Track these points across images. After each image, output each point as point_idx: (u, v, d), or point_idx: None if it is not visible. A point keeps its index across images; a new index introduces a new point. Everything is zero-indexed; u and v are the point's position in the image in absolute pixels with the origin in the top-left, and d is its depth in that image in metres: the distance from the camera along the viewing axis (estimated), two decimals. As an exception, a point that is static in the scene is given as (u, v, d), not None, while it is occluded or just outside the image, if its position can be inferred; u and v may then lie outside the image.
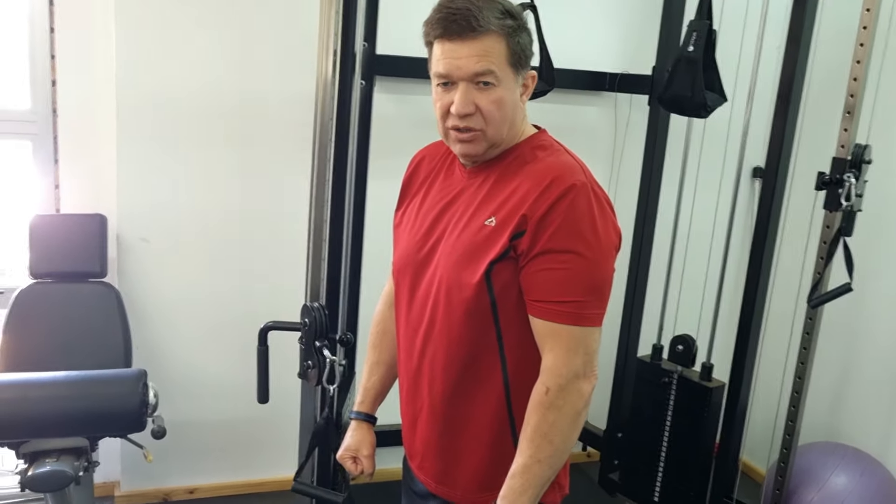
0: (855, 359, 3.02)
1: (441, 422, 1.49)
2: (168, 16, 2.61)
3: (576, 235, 1.33)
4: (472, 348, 1.43)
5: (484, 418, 1.46)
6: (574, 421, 1.36)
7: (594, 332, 1.37)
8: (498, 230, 1.37)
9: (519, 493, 1.36)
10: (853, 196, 2.31)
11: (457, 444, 1.49)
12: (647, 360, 3.01)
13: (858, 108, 2.38)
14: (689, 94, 2.44)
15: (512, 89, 1.39)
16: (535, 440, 1.35)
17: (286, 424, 2.92)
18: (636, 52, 3.07)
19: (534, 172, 1.38)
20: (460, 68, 1.34)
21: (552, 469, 1.38)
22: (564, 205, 1.33)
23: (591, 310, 1.35)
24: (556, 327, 1.35)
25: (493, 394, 1.44)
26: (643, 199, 3.02)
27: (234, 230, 2.83)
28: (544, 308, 1.35)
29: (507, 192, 1.40)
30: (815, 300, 2.45)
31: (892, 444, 2.84)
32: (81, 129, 2.69)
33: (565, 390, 1.34)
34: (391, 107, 2.85)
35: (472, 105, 1.35)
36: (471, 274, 1.38)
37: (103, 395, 1.70)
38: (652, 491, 2.99)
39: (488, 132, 1.38)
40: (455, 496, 1.52)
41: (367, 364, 1.71)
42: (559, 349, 1.35)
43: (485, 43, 1.33)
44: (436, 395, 1.48)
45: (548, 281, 1.34)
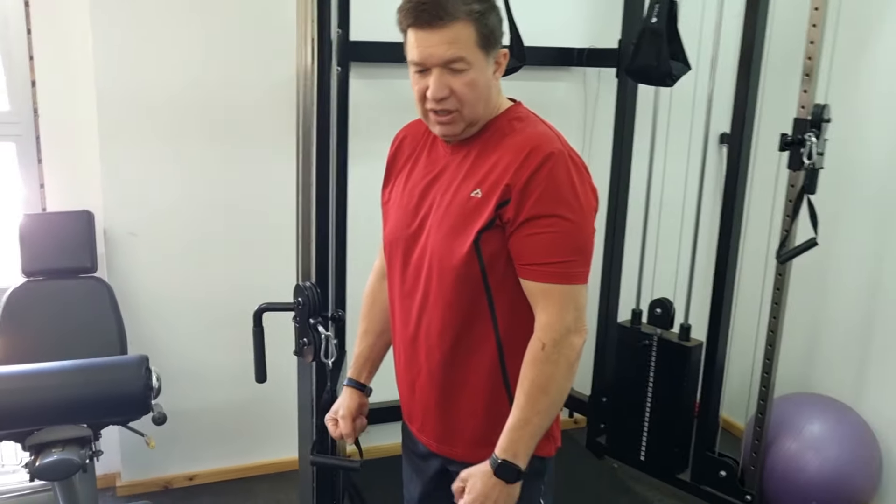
0: (825, 312, 3.15)
1: (439, 385, 1.58)
2: (143, 12, 2.65)
3: (558, 200, 1.41)
4: (465, 314, 1.51)
5: (480, 379, 1.54)
6: (568, 373, 1.45)
7: (582, 289, 1.46)
8: (484, 201, 1.45)
9: (524, 443, 1.46)
10: (814, 154, 2.42)
11: (455, 405, 1.58)
12: (628, 324, 3.13)
13: (816, 70, 2.48)
14: (655, 63, 2.53)
15: (483, 70, 1.45)
16: (533, 394, 1.44)
17: (280, 409, 3.00)
18: (602, 26, 3.15)
19: (513, 144, 1.46)
20: (432, 56, 1.42)
21: (549, 419, 1.47)
22: (545, 172, 1.41)
23: (577, 268, 1.44)
24: (548, 287, 1.43)
25: (487, 355, 1.53)
26: (615, 169, 3.11)
27: (220, 219, 2.88)
28: (535, 270, 1.44)
29: (489, 164, 1.47)
30: (783, 256, 2.56)
31: (864, 391, 2.97)
32: (63, 128, 2.72)
33: (560, 345, 1.43)
34: (366, 91, 2.91)
35: (446, 89, 1.43)
36: (460, 244, 1.46)
37: (109, 380, 1.76)
38: (638, 450, 3.11)
39: (464, 112, 1.46)
40: (455, 454, 1.61)
41: (358, 333, 1.79)
42: (552, 307, 1.43)
43: (453, 30, 1.40)
44: (433, 360, 1.56)
45: (536, 245, 1.43)
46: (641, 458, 3.11)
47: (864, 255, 2.97)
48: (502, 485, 1.46)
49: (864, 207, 2.96)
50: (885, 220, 2.89)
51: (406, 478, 1.82)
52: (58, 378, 1.72)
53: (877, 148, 2.90)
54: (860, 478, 2.80)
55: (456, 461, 1.60)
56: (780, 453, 2.80)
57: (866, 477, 2.82)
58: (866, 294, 2.96)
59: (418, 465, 1.74)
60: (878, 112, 2.89)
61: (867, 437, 2.85)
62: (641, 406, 3.06)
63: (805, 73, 2.49)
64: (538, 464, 1.58)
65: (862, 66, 2.93)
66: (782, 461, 2.80)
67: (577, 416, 3.55)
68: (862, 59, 2.92)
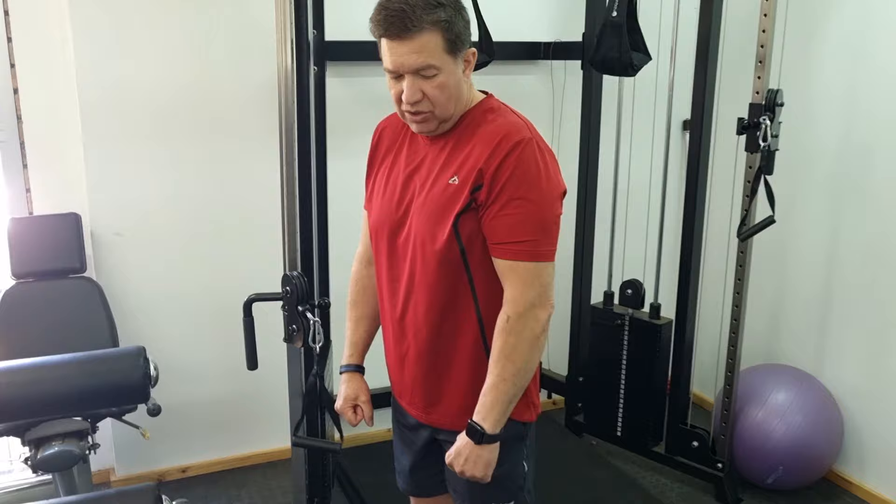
0: (787, 287, 3.31)
1: (427, 360, 1.69)
2: (123, 17, 2.72)
3: (525, 184, 1.54)
4: (448, 292, 1.63)
5: (463, 352, 1.66)
6: (533, 344, 1.57)
7: (547, 266, 1.58)
8: (460, 187, 1.57)
9: (489, 407, 1.58)
10: (769, 137, 2.56)
11: (441, 378, 1.70)
12: (600, 306, 3.26)
13: (769, 57, 2.62)
14: (617, 55, 2.66)
15: (453, 72, 1.56)
16: (499, 361, 1.57)
17: (268, 400, 3.10)
18: (567, 20, 3.27)
19: (486, 133, 1.58)
20: (403, 64, 1.53)
21: (516, 387, 1.59)
22: (514, 158, 1.53)
23: (543, 247, 1.56)
24: (514, 264, 1.56)
25: (469, 330, 1.65)
26: (584, 157, 3.24)
27: (205, 217, 2.96)
28: (503, 248, 1.56)
29: (465, 152, 1.59)
30: (743, 233, 2.70)
31: (824, 360, 3.13)
32: (48, 133, 2.79)
33: (524, 317, 1.55)
34: (342, 89, 3.01)
35: (419, 93, 1.54)
36: (441, 228, 1.58)
37: (109, 370, 1.84)
38: (614, 426, 3.25)
39: (436, 112, 1.57)
40: (443, 423, 1.73)
41: (352, 320, 1.89)
42: (517, 283, 1.56)
43: (421, 40, 1.50)
44: (420, 336, 1.68)
45: (504, 225, 1.55)
46: (618, 433, 3.25)
47: (820, 232, 3.13)
48: (472, 444, 1.59)
49: (820, 187, 3.12)
50: (839, 198, 3.04)
51: (397, 451, 1.93)
52: (62, 370, 1.80)
53: (829, 129, 3.06)
54: (823, 442, 2.95)
55: (443, 430, 1.72)
56: (748, 422, 2.95)
57: (829, 441, 2.97)
58: (824, 269, 3.12)
59: (408, 437, 1.85)
60: (829, 96, 3.05)
61: (829, 403, 3.01)
62: (616, 384, 3.20)
63: (758, 60, 2.63)
64: (520, 428, 1.71)
65: (812, 52, 3.08)
66: (750, 429, 2.95)
67: (556, 397, 3.67)
68: (812, 46, 3.08)
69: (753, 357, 3.29)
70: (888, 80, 2.83)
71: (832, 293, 3.10)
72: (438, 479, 1.84)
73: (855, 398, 3.03)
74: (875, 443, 2.98)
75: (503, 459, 1.67)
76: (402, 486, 1.95)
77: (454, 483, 1.77)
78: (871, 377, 2.96)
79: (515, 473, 1.74)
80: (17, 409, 1.83)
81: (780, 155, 2.66)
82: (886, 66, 2.83)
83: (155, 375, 1.97)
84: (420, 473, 1.88)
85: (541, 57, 3.30)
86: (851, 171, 2.98)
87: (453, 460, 1.63)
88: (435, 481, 1.86)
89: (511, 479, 1.74)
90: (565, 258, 3.38)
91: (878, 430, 2.97)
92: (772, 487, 3.01)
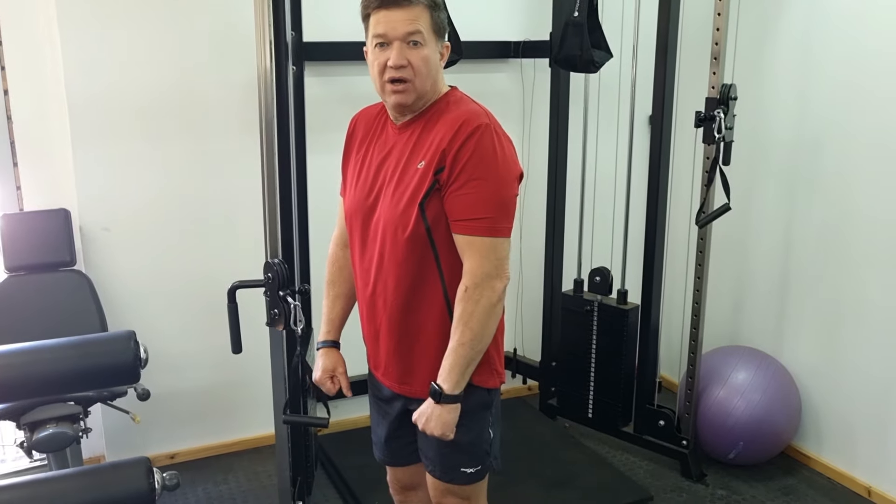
0: (747, 272, 3.47)
1: (397, 332, 1.84)
2: (109, 19, 2.83)
3: (482, 165, 1.69)
4: (415, 269, 1.77)
5: (431, 324, 1.80)
6: (489, 311, 1.71)
7: (503, 241, 1.73)
8: (426, 170, 1.72)
9: (448, 370, 1.73)
10: (724, 129, 2.71)
11: (412, 349, 1.84)
12: (571, 293, 3.40)
13: (723, 54, 2.78)
14: (579, 52, 2.81)
15: (434, 51, 1.74)
16: (458, 327, 1.71)
17: (253, 388, 3.22)
18: (536, 20, 3.41)
19: (449, 120, 1.74)
20: (395, 29, 1.69)
21: (474, 350, 1.73)
22: (472, 142, 1.68)
23: (499, 224, 1.71)
24: (472, 239, 1.70)
25: (436, 303, 1.79)
26: (553, 151, 3.39)
27: (189, 212, 3.08)
28: (462, 225, 1.71)
29: (430, 139, 1.74)
30: (701, 220, 2.85)
31: (783, 341, 3.29)
32: (37, 132, 2.90)
33: (480, 287, 1.70)
34: (320, 88, 3.14)
35: (404, 59, 1.70)
36: (409, 209, 1.73)
37: (102, 352, 1.95)
38: (586, 409, 3.39)
39: (416, 83, 1.72)
40: (414, 392, 1.87)
41: (329, 298, 2.03)
42: (475, 256, 1.70)
43: (414, 11, 1.69)
44: (390, 311, 1.82)
45: (463, 203, 1.70)
46: (589, 415, 3.39)
47: (777, 221, 3.29)
48: (433, 404, 1.74)
49: (775, 177, 3.28)
50: (793, 189, 3.21)
51: (373, 422, 2.07)
52: (57, 352, 1.91)
53: (782, 123, 3.22)
54: (782, 418, 3.11)
55: (415, 399, 1.85)
56: (711, 400, 3.11)
57: (787, 417, 3.13)
58: (781, 255, 3.28)
59: (383, 409, 1.99)
60: (781, 92, 3.21)
61: (788, 382, 3.17)
62: (587, 368, 3.34)
63: (713, 56, 2.79)
64: (485, 396, 1.85)
65: (765, 49, 3.24)
66: (712, 407, 3.10)
67: (531, 383, 3.81)
68: (765, 44, 3.24)
69: (716, 339, 3.45)
70: (835, 78, 2.99)
71: (789, 278, 3.26)
72: (412, 448, 1.98)
73: (812, 377, 3.19)
74: (831, 419, 3.15)
75: (471, 427, 1.82)
76: (378, 455, 2.09)
77: (426, 451, 1.91)
78: (827, 357, 3.13)
79: (482, 440, 1.88)
80: (15, 390, 1.95)
81: (736, 147, 2.81)
82: (833, 65, 2.99)
83: (145, 357, 2.08)
84: (394, 443, 2.02)
85: (511, 55, 3.44)
86: (803, 164, 3.14)
87: (418, 419, 1.78)
88: (408, 451, 2.00)
89: (478, 445, 1.88)
90: (537, 248, 3.53)
91: (833, 406, 3.13)
92: (734, 463, 3.17)
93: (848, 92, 2.94)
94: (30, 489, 1.72)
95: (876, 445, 2.98)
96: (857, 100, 2.91)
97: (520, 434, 3.38)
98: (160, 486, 1.80)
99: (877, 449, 2.97)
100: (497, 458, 1.95)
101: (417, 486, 2.11)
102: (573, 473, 3.10)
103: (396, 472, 2.14)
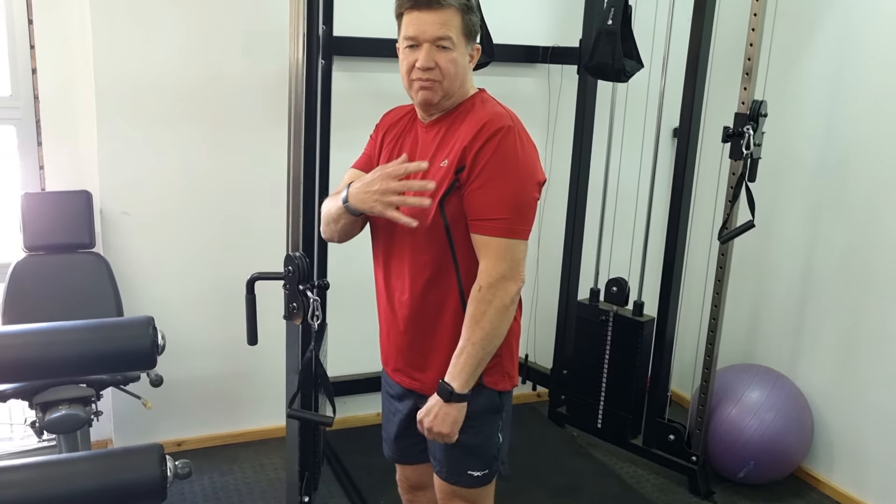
0: (765, 291, 3.44)
1: (411, 328, 1.84)
2: (141, 3, 2.83)
3: (502, 166, 1.69)
4: (432, 265, 1.77)
5: (445, 322, 1.80)
6: (501, 313, 1.71)
7: (520, 244, 1.72)
8: (448, 168, 1.73)
9: (459, 368, 1.72)
10: (752, 145, 2.69)
11: (425, 345, 1.84)
12: (586, 302, 3.38)
13: (755, 70, 2.75)
14: (610, 61, 2.79)
15: (463, 54, 1.75)
16: (470, 326, 1.71)
17: (263, 380, 3.23)
18: (565, 27, 3.41)
19: (473, 120, 1.74)
20: (425, 32, 1.69)
21: (484, 350, 1.72)
22: (494, 143, 1.69)
23: (516, 225, 1.71)
24: (489, 239, 1.70)
25: (451, 301, 1.79)
26: (576, 158, 3.37)
27: (210, 200, 3.08)
28: (479, 224, 1.71)
29: (454, 138, 1.75)
30: (724, 236, 2.83)
31: (798, 362, 3.27)
32: (62, 113, 2.90)
33: (494, 287, 1.69)
34: (345, 83, 3.14)
35: (432, 61, 1.70)
36: (429, 206, 1.72)
37: (122, 336, 1.96)
38: (595, 418, 3.37)
39: (444, 83, 1.73)
40: (424, 388, 1.86)
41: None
42: (491, 256, 1.70)
43: (445, 14, 1.69)
44: (406, 306, 1.82)
45: (482, 203, 1.70)
46: (598, 425, 3.37)
47: (799, 240, 3.26)
48: (441, 402, 1.73)
49: (799, 196, 3.25)
50: (817, 209, 3.18)
51: (384, 420, 2.07)
52: (76, 334, 1.92)
53: (810, 142, 3.19)
54: (794, 440, 3.08)
55: (425, 396, 1.84)
56: (723, 418, 3.08)
57: (799, 439, 3.10)
58: (800, 275, 3.26)
59: (394, 406, 1.99)
60: (810, 110, 3.18)
61: (801, 403, 3.14)
62: (599, 377, 3.32)
63: (745, 72, 2.76)
64: (496, 399, 1.84)
65: (797, 67, 3.22)
66: (724, 424, 3.08)
67: (540, 390, 3.79)
68: (797, 61, 3.21)
69: (730, 357, 3.42)
70: (865, 101, 2.96)
71: (807, 299, 3.23)
72: (420, 447, 1.97)
73: (826, 400, 3.16)
74: (844, 443, 3.12)
75: (480, 429, 1.81)
76: (387, 453, 2.09)
77: (434, 451, 1.90)
78: (843, 381, 3.10)
79: (490, 443, 1.88)
80: (33, 369, 1.95)
81: (762, 164, 2.79)
82: (864, 88, 2.97)
83: (162, 344, 2.09)
84: (403, 442, 2.01)
85: (539, 60, 3.43)
86: (829, 184, 3.12)
87: (423, 417, 1.77)
88: (417, 450, 2.00)
89: (486, 448, 1.87)
90: (555, 255, 3.51)
91: (847, 430, 3.10)
92: (743, 482, 3.14)
93: (878, 116, 2.92)
94: (43, 470, 1.72)
95: (888, 472, 2.94)
96: (887, 124, 2.88)
97: (527, 441, 3.36)
98: (172, 474, 1.80)
99: (888, 475, 2.94)
100: (505, 462, 1.94)
101: (426, 485, 2.10)
102: (580, 483, 3.09)
103: (405, 470, 2.13)
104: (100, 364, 1.97)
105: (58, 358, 1.88)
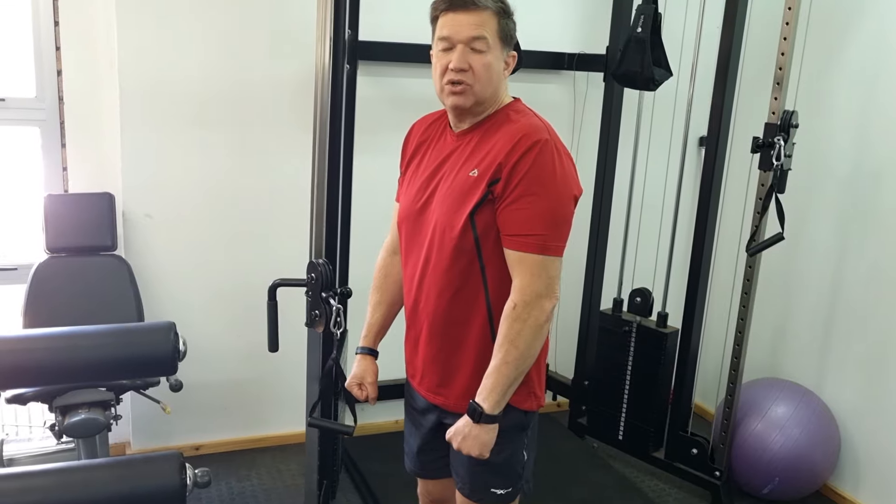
0: (792, 304, 3.38)
1: (437, 341, 1.80)
2: (168, 6, 2.83)
3: (539, 181, 1.64)
4: (460, 279, 1.73)
5: (472, 337, 1.76)
6: (536, 332, 1.67)
7: (555, 261, 1.68)
8: (479, 179, 1.68)
9: (490, 389, 1.68)
10: (783, 156, 2.64)
11: (450, 360, 1.80)
12: (609, 312, 3.34)
13: (786, 79, 2.70)
14: (639, 69, 2.75)
15: (498, 59, 1.71)
16: (503, 345, 1.66)
17: (283, 386, 3.21)
18: (591, 33, 3.37)
19: (508, 132, 1.69)
20: (460, 32, 1.66)
21: (517, 370, 1.68)
22: (531, 157, 1.64)
23: (552, 242, 1.66)
24: (524, 256, 1.66)
25: (478, 315, 1.75)
26: (601, 167, 3.33)
27: (232, 204, 3.07)
28: (515, 240, 1.66)
29: (487, 148, 1.70)
30: (752, 249, 2.78)
31: (825, 377, 3.20)
32: (86, 115, 2.90)
33: (529, 305, 1.65)
34: (370, 89, 3.11)
35: (466, 63, 1.67)
36: (458, 217, 1.69)
37: (143, 342, 1.95)
38: (616, 430, 3.33)
39: (475, 88, 1.69)
40: (448, 404, 1.83)
41: (371, 304, 2.00)
42: (526, 273, 1.66)
43: (482, 16, 1.66)
44: (432, 319, 1.79)
45: (517, 218, 1.65)
46: (620, 437, 3.33)
47: (828, 253, 3.20)
48: (471, 423, 1.69)
49: (829, 209, 3.19)
50: (847, 222, 3.12)
51: (407, 432, 2.03)
52: (97, 339, 1.91)
53: (841, 154, 3.13)
54: (820, 457, 3.02)
55: (449, 412, 1.81)
56: (747, 432, 3.03)
57: (826, 456, 3.04)
58: (829, 289, 3.19)
59: (417, 420, 1.95)
60: (842, 121, 3.12)
61: (828, 419, 3.08)
62: (621, 388, 3.28)
63: (776, 81, 2.71)
64: (522, 417, 1.80)
65: (829, 77, 3.16)
66: (749, 440, 3.02)
67: (561, 400, 3.75)
68: (829, 72, 3.16)
69: (756, 371, 3.37)
70: (899, 111, 2.91)
71: (836, 315, 3.17)
72: (443, 462, 1.93)
73: (853, 416, 3.10)
74: (871, 461, 3.05)
75: (504, 447, 1.77)
76: (409, 466, 2.05)
77: (457, 467, 1.87)
78: (870, 397, 3.03)
79: (515, 461, 1.84)
80: (54, 373, 1.94)
81: (792, 175, 2.74)
82: (898, 98, 2.91)
83: (183, 350, 2.07)
84: (426, 456, 1.98)
85: (565, 67, 3.39)
86: (860, 197, 3.06)
87: (452, 437, 1.72)
88: (440, 464, 1.96)
89: (511, 466, 1.83)
90: (578, 263, 3.47)
91: (874, 448, 3.03)
92: (767, 498, 3.08)
93: (912, 127, 2.86)
94: (63, 476, 1.71)
95: (917, 492, 2.88)
96: (922, 135, 2.83)
97: (546, 451, 3.29)
98: (191, 483, 1.78)
99: (918, 496, 2.88)
100: (529, 481, 1.90)
101: (448, 500, 2.06)
102: (600, 496, 3.04)
103: (427, 484, 2.09)
104: (121, 369, 1.96)
105: (79, 363, 1.87)
